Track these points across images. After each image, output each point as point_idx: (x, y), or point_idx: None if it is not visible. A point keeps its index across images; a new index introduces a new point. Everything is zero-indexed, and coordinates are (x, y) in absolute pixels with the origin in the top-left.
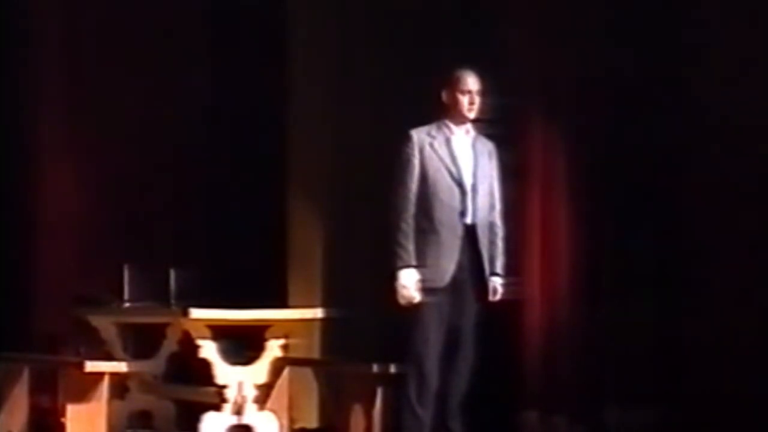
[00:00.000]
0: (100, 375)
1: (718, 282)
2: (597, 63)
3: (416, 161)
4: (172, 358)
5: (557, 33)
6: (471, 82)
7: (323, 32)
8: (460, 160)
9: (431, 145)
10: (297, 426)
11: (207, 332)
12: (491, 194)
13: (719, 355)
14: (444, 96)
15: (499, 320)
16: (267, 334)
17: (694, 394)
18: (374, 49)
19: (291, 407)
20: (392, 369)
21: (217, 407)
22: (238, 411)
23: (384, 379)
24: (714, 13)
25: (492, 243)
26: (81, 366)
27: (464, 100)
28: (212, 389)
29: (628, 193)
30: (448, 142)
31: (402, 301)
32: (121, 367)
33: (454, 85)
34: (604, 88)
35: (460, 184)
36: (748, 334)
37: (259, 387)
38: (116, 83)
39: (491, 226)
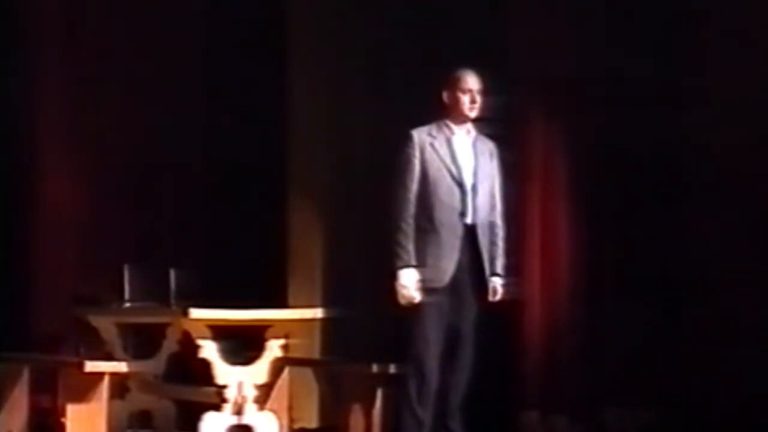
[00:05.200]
0: (100, 375)
1: (718, 282)
2: (597, 63)
3: (417, 161)
4: (172, 358)
5: (558, 33)
6: (472, 81)
7: (323, 33)
8: (460, 159)
9: (432, 145)
10: (297, 426)
11: (207, 332)
12: (492, 194)
13: (719, 355)
14: (445, 96)
15: (499, 320)
16: (267, 334)
17: (694, 394)
18: (374, 48)
19: (291, 407)
20: (392, 369)
21: (217, 407)
22: (238, 411)
23: (384, 378)
24: (715, 11)
25: (492, 243)
26: (81, 366)
27: (465, 99)
28: (212, 389)
29: (628, 193)
30: (448, 141)
31: (402, 301)
32: (121, 367)
33: (454, 85)
34: (605, 88)
35: (460, 184)
36: (748, 334)
37: (259, 387)
38: (116, 83)
39: (492, 226)
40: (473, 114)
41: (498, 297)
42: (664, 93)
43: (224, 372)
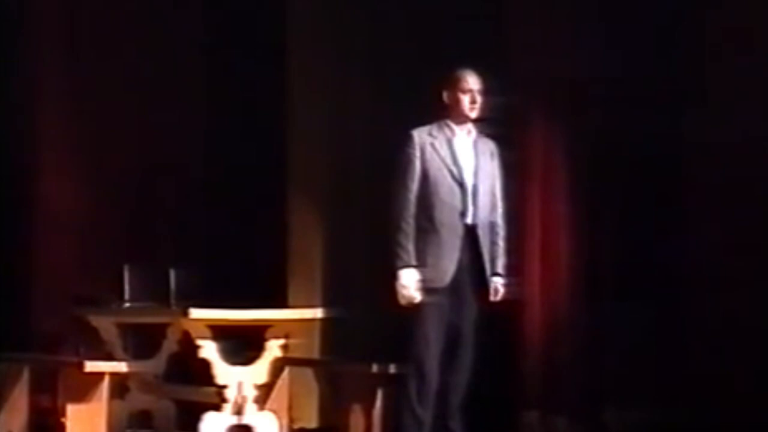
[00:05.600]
0: (100, 375)
1: (717, 282)
2: (597, 63)
3: (417, 161)
4: (172, 358)
5: (558, 33)
6: (472, 81)
7: (323, 32)
8: (461, 160)
9: (432, 145)
10: (297, 426)
11: (207, 332)
12: (493, 194)
13: (719, 354)
14: (445, 96)
15: (500, 320)
16: (267, 334)
17: (694, 394)
18: (374, 48)
19: (291, 407)
20: (392, 369)
21: (217, 407)
22: (238, 411)
23: (384, 379)
24: (714, 11)
25: (493, 243)
26: (81, 366)
27: (465, 99)
28: (212, 389)
29: (628, 193)
30: (449, 142)
31: (402, 301)
32: (121, 367)
33: (455, 85)
34: (606, 88)
35: (461, 184)
36: (748, 334)
37: (259, 387)
38: (116, 83)
39: (492, 226)
40: (474, 114)
41: (499, 297)
42: (664, 93)
43: (224, 372)
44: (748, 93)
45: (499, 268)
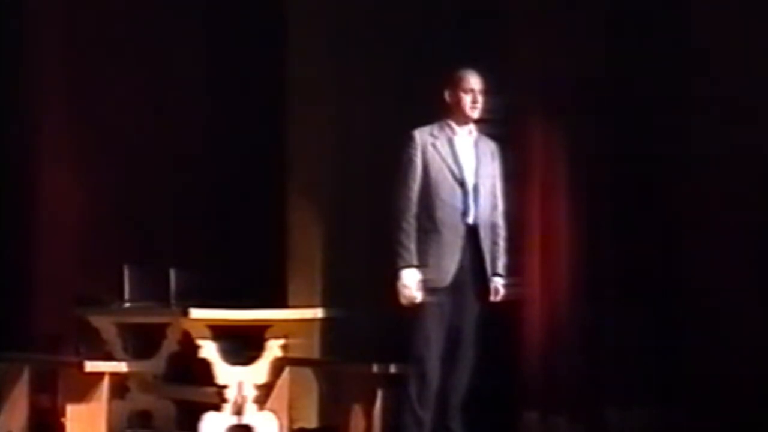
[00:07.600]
0: (100, 375)
1: (718, 282)
2: (598, 63)
3: (418, 161)
4: (172, 358)
5: (558, 33)
6: (474, 81)
7: (323, 32)
8: (462, 160)
9: (434, 145)
10: (297, 426)
11: (207, 332)
12: (494, 194)
13: (719, 355)
14: (447, 95)
15: (500, 320)
16: (267, 334)
17: (694, 394)
18: (375, 48)
19: (291, 407)
20: (392, 369)
21: (217, 407)
22: (238, 411)
23: (384, 379)
24: (714, 12)
25: (494, 243)
26: (81, 366)
27: (467, 99)
28: (212, 389)
29: (628, 194)
30: (450, 142)
31: (404, 301)
32: (121, 367)
33: (456, 85)
34: (606, 89)
35: (462, 184)
36: (748, 334)
37: (259, 387)
38: (116, 83)
39: (493, 226)
40: (475, 114)
41: (499, 297)
42: (665, 94)
43: (224, 372)
44: (751, 96)
45: (500, 269)
